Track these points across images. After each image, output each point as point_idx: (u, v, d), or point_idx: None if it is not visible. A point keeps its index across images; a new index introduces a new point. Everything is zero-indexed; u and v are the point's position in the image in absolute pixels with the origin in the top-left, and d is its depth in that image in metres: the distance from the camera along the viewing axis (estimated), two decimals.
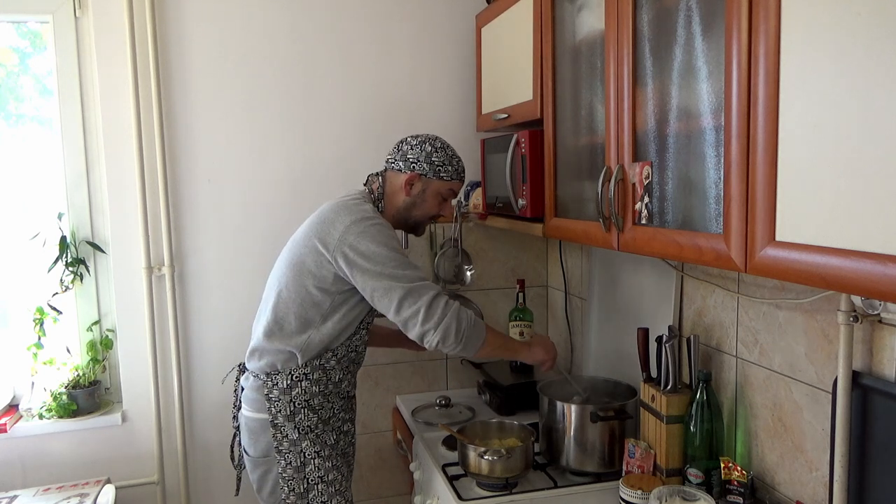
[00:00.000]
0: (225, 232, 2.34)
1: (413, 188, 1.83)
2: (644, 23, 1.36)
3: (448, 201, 1.89)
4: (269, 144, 2.35)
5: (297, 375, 1.76)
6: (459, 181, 1.87)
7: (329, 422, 1.82)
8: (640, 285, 1.96)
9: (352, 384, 1.91)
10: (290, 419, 1.76)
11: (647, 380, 1.71)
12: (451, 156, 1.85)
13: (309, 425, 1.77)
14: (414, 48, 2.43)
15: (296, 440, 1.76)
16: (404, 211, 1.86)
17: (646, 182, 1.35)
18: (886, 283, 0.83)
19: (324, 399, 1.80)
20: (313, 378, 1.77)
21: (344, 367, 1.84)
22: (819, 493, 1.38)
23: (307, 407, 1.77)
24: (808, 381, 1.40)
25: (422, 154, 1.82)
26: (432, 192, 1.84)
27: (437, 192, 1.85)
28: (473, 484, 1.71)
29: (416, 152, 1.82)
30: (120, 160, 2.24)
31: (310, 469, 1.77)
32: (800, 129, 0.95)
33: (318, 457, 1.78)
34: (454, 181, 1.85)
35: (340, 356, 1.81)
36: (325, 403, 1.81)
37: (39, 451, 2.24)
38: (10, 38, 2.28)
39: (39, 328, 2.25)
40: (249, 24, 2.30)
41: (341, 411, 1.87)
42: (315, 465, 1.77)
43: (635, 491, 1.53)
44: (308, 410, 1.77)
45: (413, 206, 1.85)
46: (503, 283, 2.59)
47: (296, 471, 1.76)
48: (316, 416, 1.79)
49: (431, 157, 1.82)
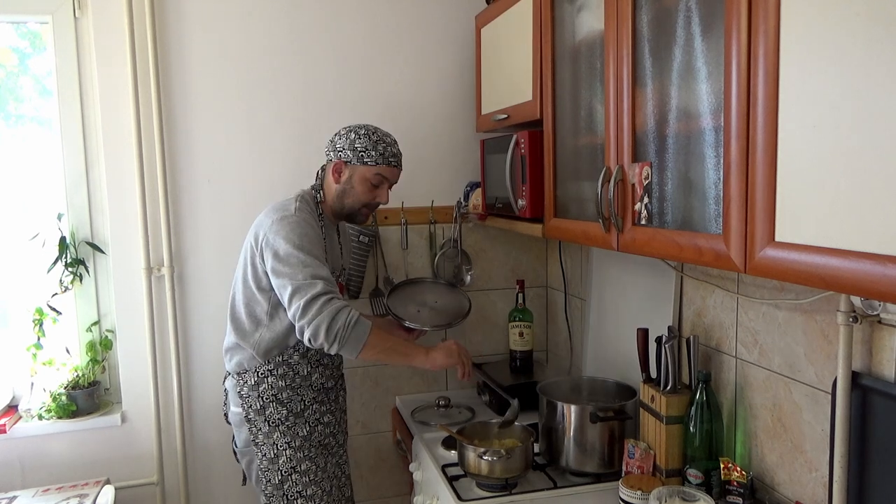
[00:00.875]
0: (224, 232, 2.34)
1: (341, 175, 1.88)
2: (644, 23, 1.36)
3: (381, 188, 1.90)
4: (269, 145, 2.35)
5: (262, 372, 1.84)
6: (387, 165, 1.88)
7: (302, 414, 1.87)
8: (640, 286, 1.96)
9: (326, 376, 1.93)
10: (260, 413, 1.85)
11: (647, 380, 1.71)
12: (377, 141, 1.86)
13: (279, 418, 1.85)
14: (413, 49, 2.43)
15: (268, 432, 1.85)
16: (337, 200, 1.90)
17: (645, 182, 1.35)
18: (886, 284, 0.83)
19: (293, 392, 1.86)
20: (278, 374, 1.85)
21: (311, 361, 1.89)
22: (819, 494, 1.38)
23: (275, 401, 1.85)
24: (808, 382, 1.40)
25: (346, 142, 1.87)
26: (359, 178, 1.87)
27: (363, 177, 1.87)
28: (473, 484, 1.70)
29: (343, 141, 1.87)
30: (119, 161, 2.24)
31: (283, 461, 1.84)
32: (799, 129, 0.95)
33: (289, 447, 1.85)
34: (380, 165, 1.86)
35: (303, 351, 1.87)
36: (293, 397, 1.86)
37: (39, 452, 2.24)
38: (10, 39, 2.28)
39: (39, 329, 2.25)
40: (249, 25, 2.30)
41: (314, 403, 1.90)
42: (287, 456, 1.84)
43: (635, 491, 1.53)
44: (277, 404, 1.85)
45: (344, 193, 1.89)
46: (503, 284, 2.59)
47: (270, 462, 1.85)
48: (285, 409, 1.85)
49: (355, 144, 1.85)
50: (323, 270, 1.73)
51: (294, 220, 1.77)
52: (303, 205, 1.85)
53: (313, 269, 1.72)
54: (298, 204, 1.85)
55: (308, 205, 1.88)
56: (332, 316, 1.68)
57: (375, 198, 1.91)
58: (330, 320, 1.67)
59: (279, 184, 2.36)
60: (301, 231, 1.76)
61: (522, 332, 2.36)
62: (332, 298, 1.70)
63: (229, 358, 1.91)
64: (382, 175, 1.89)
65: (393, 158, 1.90)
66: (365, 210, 1.93)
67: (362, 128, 1.89)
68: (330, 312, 1.68)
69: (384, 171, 1.88)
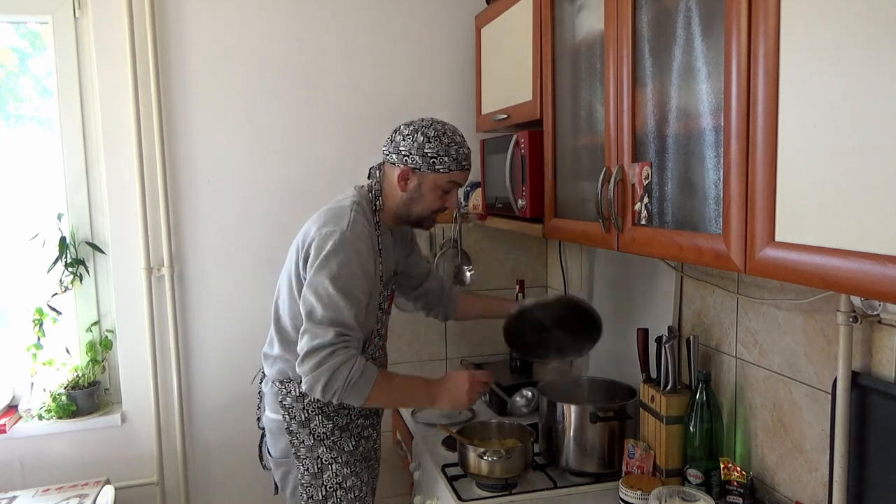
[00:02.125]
0: (225, 232, 2.34)
1: (408, 183, 1.70)
2: (643, 23, 1.36)
3: (451, 193, 1.74)
4: (269, 145, 2.35)
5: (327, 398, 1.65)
6: (460, 170, 1.71)
7: (347, 428, 1.78)
8: (640, 285, 1.96)
9: None
10: (304, 426, 1.73)
11: (647, 380, 1.71)
12: (448, 144, 1.68)
13: (324, 432, 1.74)
14: (413, 49, 2.44)
15: (312, 446, 1.73)
16: (403, 207, 1.73)
17: (645, 182, 1.35)
18: (886, 284, 0.83)
19: (339, 406, 1.74)
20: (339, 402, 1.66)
21: None
22: (818, 494, 1.38)
23: (321, 414, 1.74)
24: (808, 382, 1.40)
25: (413, 145, 1.66)
26: (429, 186, 1.70)
27: (434, 185, 1.70)
28: (473, 484, 1.70)
29: (408, 143, 1.67)
30: (119, 161, 2.24)
31: (328, 476, 1.73)
32: (799, 129, 0.95)
33: (336, 463, 1.73)
34: (453, 172, 1.69)
35: None
36: (340, 410, 1.76)
37: (39, 452, 2.24)
38: (10, 39, 2.28)
39: (39, 329, 2.25)
40: (249, 25, 2.30)
41: (359, 417, 1.81)
42: (333, 471, 1.73)
43: (635, 491, 1.53)
44: (322, 417, 1.74)
45: (412, 201, 1.72)
46: (503, 284, 2.59)
47: (313, 477, 1.73)
48: (331, 423, 1.75)
49: (424, 149, 1.66)
50: (345, 315, 1.58)
51: (343, 244, 1.60)
52: (358, 216, 1.67)
53: (336, 312, 1.57)
54: (354, 216, 1.66)
55: (364, 213, 1.70)
56: (332, 372, 1.55)
57: (445, 203, 1.74)
58: (329, 376, 1.55)
59: (279, 184, 2.36)
60: (345, 258, 1.60)
61: None
62: (335, 351, 1.56)
63: (270, 364, 1.79)
64: (455, 181, 1.72)
65: (466, 161, 1.71)
66: (433, 216, 1.77)
67: (430, 127, 1.68)
68: (330, 367, 1.55)
69: (457, 177, 1.71)
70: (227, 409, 2.37)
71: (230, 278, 2.35)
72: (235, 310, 2.36)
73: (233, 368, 2.36)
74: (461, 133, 1.73)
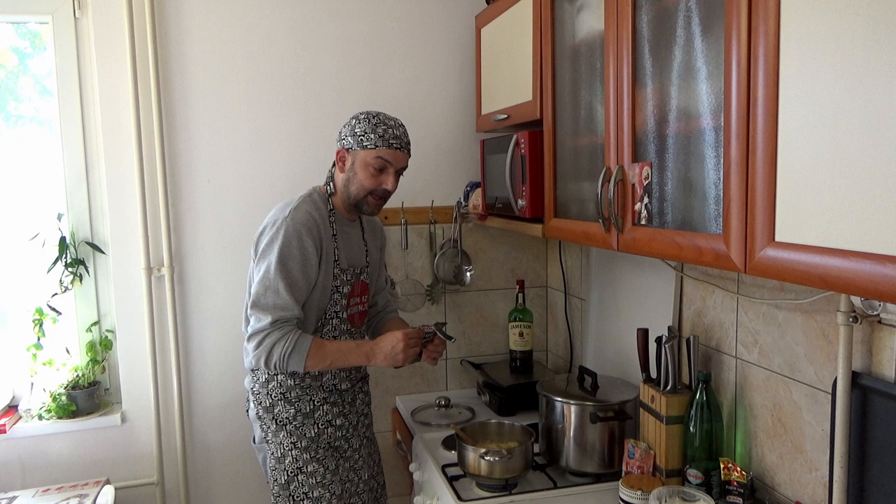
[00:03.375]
0: (224, 233, 2.34)
1: (345, 164, 1.82)
2: (644, 23, 1.36)
3: (386, 173, 1.80)
4: (269, 145, 2.35)
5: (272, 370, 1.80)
6: (387, 147, 1.78)
7: (311, 415, 1.84)
8: (640, 286, 1.96)
9: (340, 378, 1.89)
10: (269, 411, 1.84)
11: (647, 380, 1.71)
12: (376, 124, 1.79)
13: (287, 417, 1.83)
14: (413, 49, 2.43)
15: (275, 431, 1.83)
16: (344, 189, 1.84)
17: (645, 183, 1.35)
18: (886, 284, 0.83)
19: (301, 392, 1.84)
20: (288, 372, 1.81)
21: None
22: (818, 494, 1.38)
23: (283, 400, 1.83)
24: (808, 382, 1.40)
25: (348, 128, 1.82)
26: (360, 163, 1.79)
27: (364, 162, 1.79)
28: (473, 484, 1.70)
29: (346, 128, 1.83)
30: (119, 161, 2.24)
31: (288, 461, 1.82)
32: (799, 129, 0.95)
33: (295, 448, 1.82)
34: (379, 148, 1.77)
35: None
36: (303, 396, 1.84)
37: (39, 452, 2.24)
38: (10, 39, 2.28)
39: (39, 329, 2.25)
40: (249, 25, 2.30)
41: (325, 404, 1.86)
42: (293, 456, 1.82)
43: (635, 492, 1.53)
44: (285, 403, 1.83)
45: (348, 181, 1.82)
46: (503, 284, 2.59)
47: (277, 461, 1.83)
48: (293, 409, 1.83)
49: (354, 129, 1.80)
50: (286, 299, 1.72)
51: (282, 230, 1.74)
52: (303, 204, 1.80)
53: (275, 296, 1.72)
54: (297, 203, 1.80)
55: (314, 202, 1.82)
56: (269, 350, 1.70)
57: (381, 184, 1.80)
58: (267, 353, 1.71)
59: (279, 183, 2.36)
60: (284, 241, 1.73)
61: (522, 332, 2.36)
62: (271, 332, 1.71)
63: (245, 354, 1.85)
64: (384, 158, 1.78)
65: (395, 141, 1.80)
66: (371, 199, 1.82)
67: (363, 113, 1.82)
68: (266, 346, 1.71)
69: (385, 153, 1.78)
70: (227, 409, 2.37)
71: (230, 278, 2.35)
72: (235, 310, 2.35)
73: (233, 368, 2.36)
74: (401, 122, 1.84)
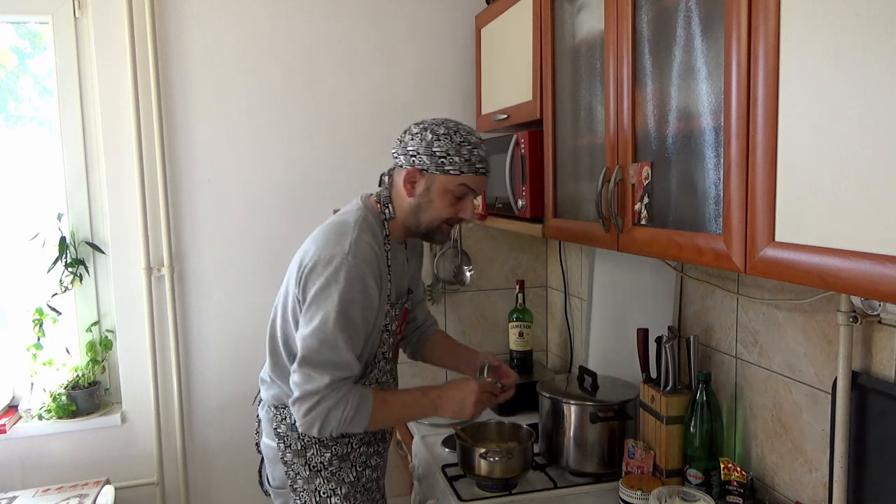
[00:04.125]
0: (225, 233, 2.34)
1: (416, 187, 1.52)
2: (643, 23, 1.36)
3: (465, 200, 1.54)
4: (269, 145, 2.35)
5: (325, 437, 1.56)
6: (473, 174, 1.51)
7: (347, 457, 1.61)
8: (640, 286, 1.96)
9: None
10: (299, 455, 1.59)
11: (647, 380, 1.71)
12: (460, 143, 1.49)
13: (322, 462, 1.59)
14: (413, 49, 2.43)
15: (308, 478, 1.58)
16: (411, 215, 1.55)
17: (645, 182, 1.35)
18: (886, 284, 0.83)
19: (338, 435, 1.57)
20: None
21: None
22: (818, 494, 1.38)
23: (319, 443, 1.58)
24: (808, 382, 1.40)
25: (421, 144, 1.49)
26: (439, 190, 1.51)
27: (443, 189, 1.51)
28: (473, 484, 1.70)
29: (416, 142, 1.50)
30: (119, 161, 2.24)
31: None
32: (799, 129, 0.95)
33: (335, 496, 1.58)
34: (465, 175, 1.50)
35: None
36: (339, 439, 1.59)
37: (39, 452, 2.24)
38: (10, 39, 2.28)
39: (39, 329, 2.25)
40: (249, 25, 2.30)
41: (362, 445, 1.64)
42: None
43: (635, 491, 1.53)
44: (320, 446, 1.58)
45: (419, 209, 1.54)
46: (503, 284, 2.59)
47: None
48: (329, 453, 1.59)
49: (433, 147, 1.48)
50: (344, 355, 1.45)
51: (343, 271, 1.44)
52: (362, 234, 1.50)
53: (333, 352, 1.44)
54: (357, 234, 1.49)
55: (371, 229, 1.53)
56: (324, 417, 1.45)
57: (458, 213, 1.54)
58: (322, 421, 1.45)
59: (279, 184, 2.36)
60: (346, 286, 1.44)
61: (522, 332, 2.36)
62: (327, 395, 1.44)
63: (266, 387, 1.65)
64: (468, 186, 1.51)
65: (482, 165, 1.52)
66: (445, 227, 1.57)
67: (441, 125, 1.51)
68: (322, 412, 1.44)
69: (471, 181, 1.51)
70: (227, 409, 2.37)
71: (230, 278, 2.35)
72: (235, 310, 2.36)
73: (233, 368, 2.36)
74: (478, 135, 1.56)
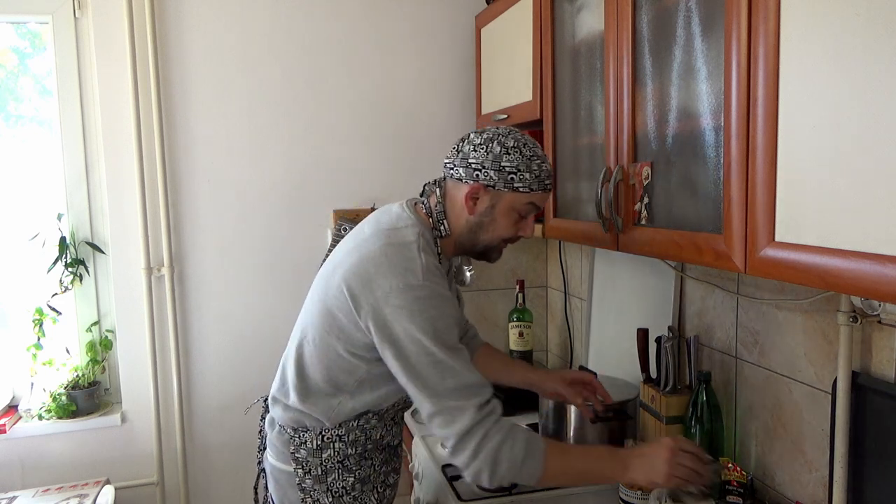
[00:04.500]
0: (225, 233, 2.34)
1: (478, 204, 1.38)
2: (643, 23, 1.36)
3: (527, 218, 1.42)
4: (269, 145, 2.35)
5: (328, 437, 1.46)
6: (542, 191, 1.38)
7: (369, 479, 1.52)
8: (640, 286, 1.96)
9: (393, 433, 1.59)
10: (320, 481, 1.47)
11: (647, 380, 1.71)
12: (531, 157, 1.36)
13: (344, 487, 1.48)
14: (413, 49, 2.43)
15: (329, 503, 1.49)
16: (468, 233, 1.42)
17: (645, 182, 1.35)
18: (886, 284, 0.83)
19: (360, 458, 1.50)
20: (349, 439, 1.47)
21: (387, 424, 1.54)
22: (818, 494, 1.38)
23: (341, 467, 1.48)
24: (808, 382, 1.40)
25: (487, 157, 1.35)
26: (505, 208, 1.38)
27: (510, 207, 1.38)
28: (473, 484, 1.70)
29: (480, 155, 1.35)
30: (119, 161, 2.24)
31: None
32: (799, 129, 0.95)
33: None
34: (535, 192, 1.37)
35: (384, 414, 1.52)
36: (362, 462, 1.50)
37: (39, 452, 2.24)
38: (10, 39, 2.28)
39: (39, 329, 2.25)
40: (249, 25, 2.30)
41: (382, 465, 1.56)
42: None
43: (635, 491, 1.53)
44: (342, 471, 1.48)
45: (479, 227, 1.40)
46: (503, 284, 2.59)
47: None
48: (352, 477, 1.49)
49: (501, 162, 1.34)
50: (468, 375, 1.30)
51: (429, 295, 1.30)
52: (427, 256, 1.35)
53: (455, 377, 1.29)
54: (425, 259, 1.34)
55: (429, 248, 1.38)
56: (492, 462, 1.28)
57: (519, 231, 1.42)
58: (491, 468, 1.28)
59: (279, 184, 2.36)
60: (429, 306, 1.29)
61: (522, 332, 2.36)
62: (486, 434, 1.28)
63: (282, 408, 1.49)
64: (535, 204, 1.40)
65: (549, 180, 1.40)
66: (503, 246, 1.46)
67: (508, 136, 1.36)
68: (488, 456, 1.27)
69: (539, 198, 1.39)
70: (227, 409, 2.37)
71: (230, 278, 2.35)
72: (235, 310, 2.36)
73: (233, 368, 2.37)
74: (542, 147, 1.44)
